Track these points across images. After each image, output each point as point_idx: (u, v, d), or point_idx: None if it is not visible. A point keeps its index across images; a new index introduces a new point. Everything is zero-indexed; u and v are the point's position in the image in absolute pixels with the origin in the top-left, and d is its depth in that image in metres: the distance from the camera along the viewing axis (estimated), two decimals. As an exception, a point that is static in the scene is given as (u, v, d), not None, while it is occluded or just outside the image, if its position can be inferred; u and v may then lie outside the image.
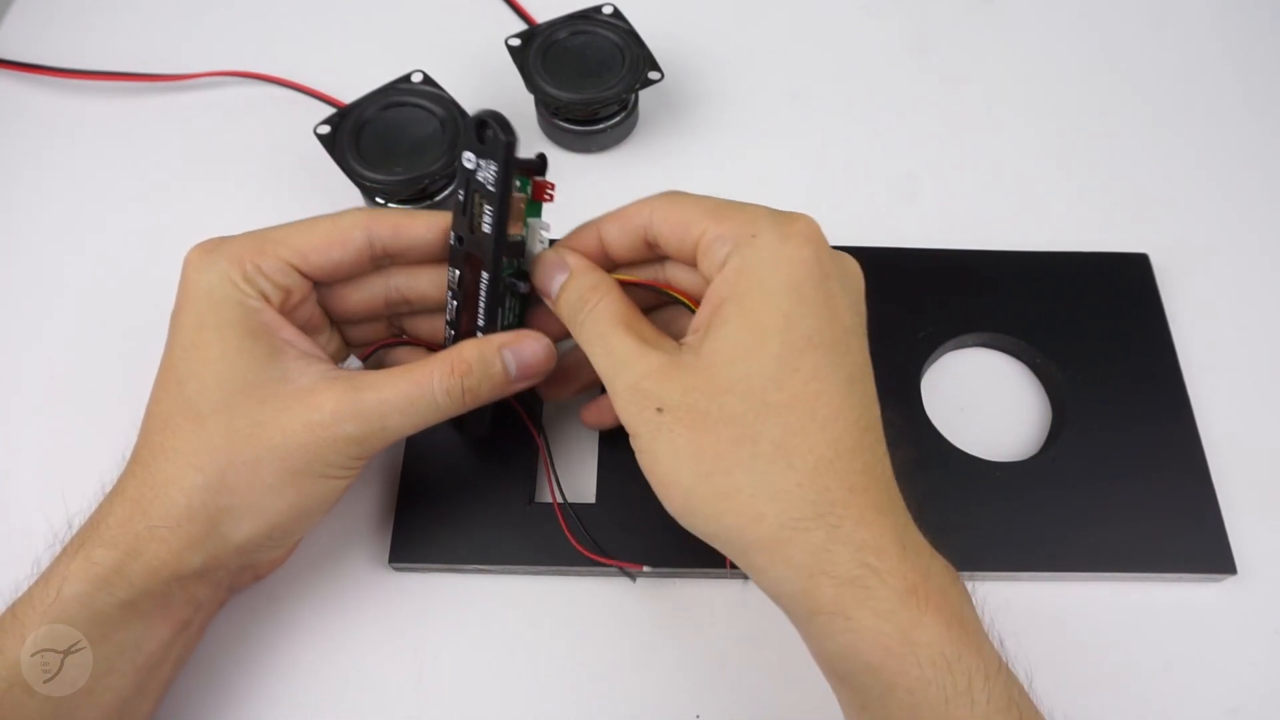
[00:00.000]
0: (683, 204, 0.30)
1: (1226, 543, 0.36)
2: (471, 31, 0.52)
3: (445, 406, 0.31)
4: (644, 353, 0.29)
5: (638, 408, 0.28)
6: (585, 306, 0.31)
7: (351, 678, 0.35)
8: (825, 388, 0.27)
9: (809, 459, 0.27)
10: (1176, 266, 0.43)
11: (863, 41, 0.53)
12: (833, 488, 0.27)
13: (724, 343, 0.28)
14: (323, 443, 0.30)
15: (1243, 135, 0.49)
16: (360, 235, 0.32)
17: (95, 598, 0.28)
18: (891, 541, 0.27)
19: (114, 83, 0.50)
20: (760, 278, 0.28)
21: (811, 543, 0.26)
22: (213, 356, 0.30)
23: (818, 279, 0.28)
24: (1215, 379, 0.41)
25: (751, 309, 0.28)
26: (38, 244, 0.45)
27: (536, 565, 0.36)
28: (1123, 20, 0.54)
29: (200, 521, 0.29)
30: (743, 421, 0.27)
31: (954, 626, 0.26)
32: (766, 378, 0.27)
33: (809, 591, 0.26)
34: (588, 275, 0.32)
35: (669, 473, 0.28)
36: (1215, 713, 0.35)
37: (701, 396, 0.28)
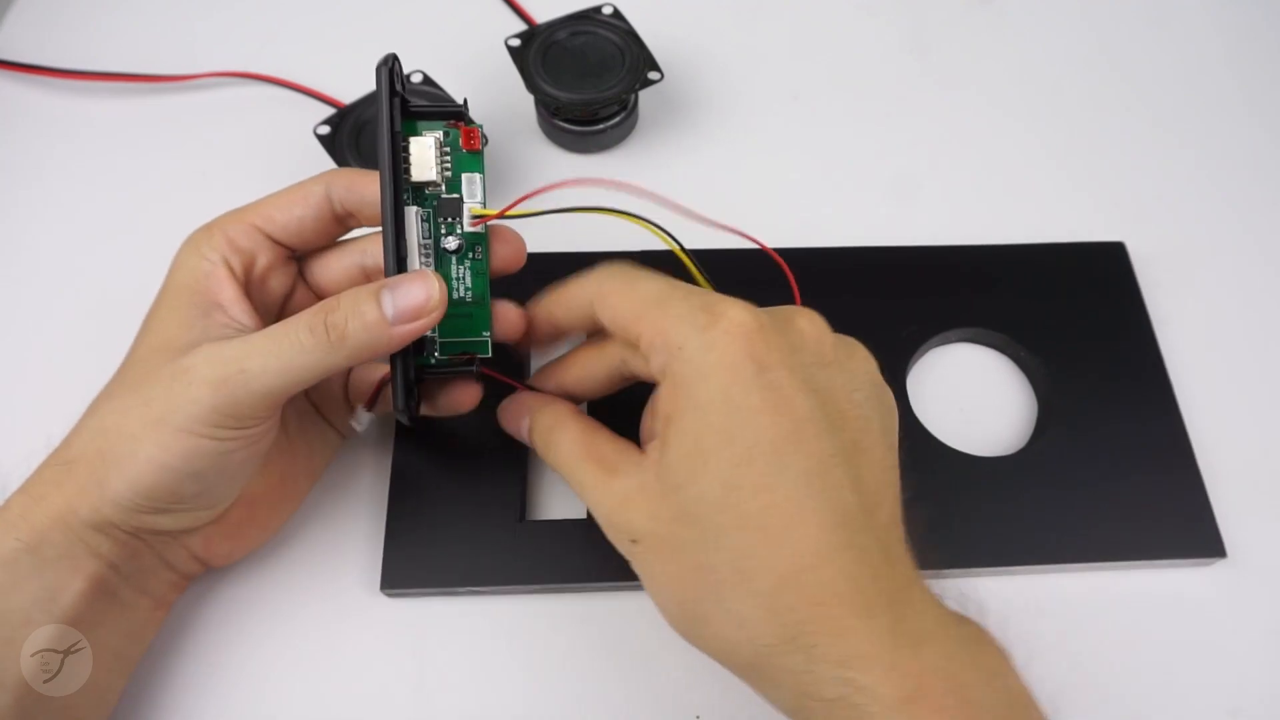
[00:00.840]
0: (618, 294, 0.29)
1: (1215, 527, 0.36)
2: (471, 31, 0.52)
3: (310, 346, 0.29)
4: (606, 484, 0.29)
5: (616, 540, 0.29)
6: (549, 447, 0.31)
7: (348, 707, 0.34)
8: (773, 499, 0.26)
9: (768, 580, 0.25)
10: (1155, 254, 0.44)
11: (862, 42, 0.53)
12: (798, 606, 0.25)
13: (671, 465, 0.27)
14: (180, 388, 0.29)
15: (1226, 128, 0.50)
16: (319, 190, 0.32)
17: (2, 541, 0.29)
18: (878, 647, 0.24)
19: (114, 83, 0.50)
20: (691, 396, 0.27)
21: (791, 666, 0.25)
22: (153, 316, 0.32)
23: (749, 379, 0.26)
24: (1197, 364, 0.41)
25: (688, 430, 0.27)
26: (38, 244, 0.45)
27: (531, 584, 0.36)
28: (1121, 20, 0.54)
29: (84, 465, 0.30)
30: (699, 548, 0.26)
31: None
32: (711, 501, 0.26)
33: (802, 711, 0.26)
34: (543, 413, 0.32)
35: (655, 598, 0.28)
36: (1213, 693, 0.35)
37: (663, 524, 0.27)
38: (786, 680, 0.25)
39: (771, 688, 0.26)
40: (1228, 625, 0.36)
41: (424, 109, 0.32)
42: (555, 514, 0.38)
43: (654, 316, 0.28)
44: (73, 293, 0.44)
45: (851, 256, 0.43)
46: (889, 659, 0.24)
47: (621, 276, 0.30)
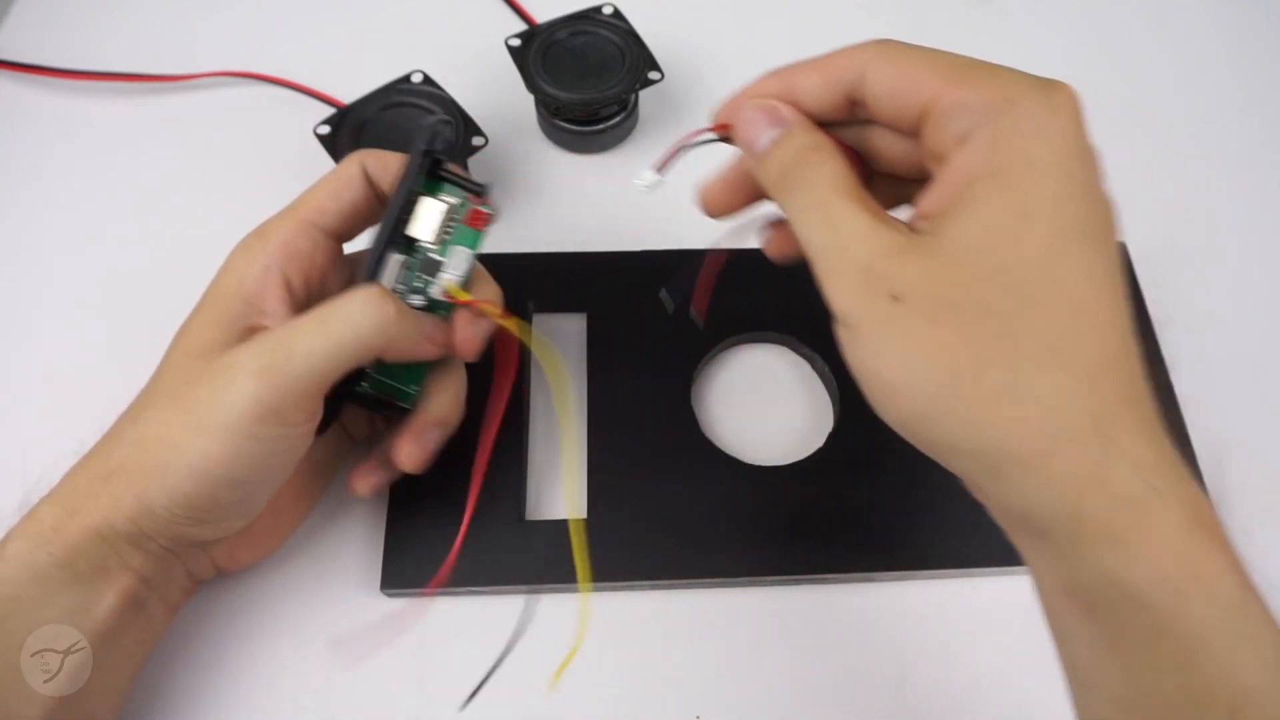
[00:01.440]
0: (909, 59, 0.26)
1: None
2: (471, 31, 0.52)
3: (358, 317, 0.29)
4: (876, 229, 0.24)
5: (865, 292, 0.24)
6: (805, 167, 0.26)
7: (349, 708, 0.34)
8: (1094, 283, 0.23)
9: (1082, 362, 0.23)
10: (1155, 254, 0.43)
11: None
12: (1109, 396, 0.23)
13: (978, 225, 0.23)
14: (224, 385, 0.28)
15: (1226, 129, 0.50)
16: (357, 170, 0.33)
17: (35, 555, 0.28)
18: (1170, 462, 0.23)
19: (114, 83, 0.50)
20: (1024, 152, 0.23)
21: (1087, 456, 0.22)
22: (193, 320, 0.31)
23: (1083, 158, 0.24)
24: (1197, 364, 0.41)
25: (1014, 188, 0.23)
26: (38, 244, 0.45)
27: (531, 584, 0.36)
28: (1121, 20, 0.54)
29: (122, 479, 0.29)
30: (1003, 315, 0.23)
31: (1239, 569, 0.22)
32: (1033, 267, 0.23)
33: (1078, 511, 0.22)
34: (809, 134, 0.27)
35: (900, 373, 0.24)
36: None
37: (950, 285, 0.23)
38: (1074, 471, 0.22)
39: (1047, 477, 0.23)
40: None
41: (451, 176, 0.33)
42: (555, 514, 0.38)
43: (973, 74, 0.24)
44: (73, 292, 0.44)
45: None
46: (1177, 477, 0.23)
47: (915, 46, 0.26)
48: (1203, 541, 0.22)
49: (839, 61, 0.27)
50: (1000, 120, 0.24)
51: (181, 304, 0.43)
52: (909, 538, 0.36)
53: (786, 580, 0.36)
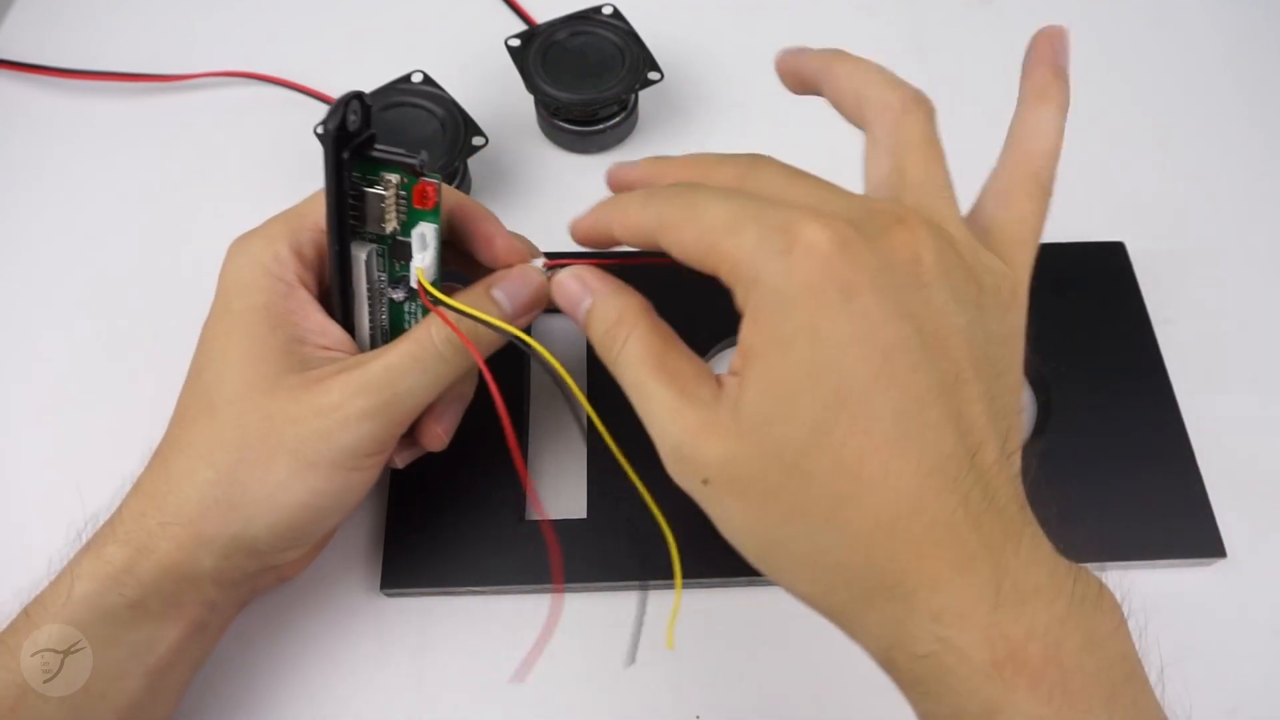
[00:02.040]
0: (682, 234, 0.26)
1: (1215, 527, 0.36)
2: (471, 31, 0.52)
3: (450, 356, 0.30)
4: (679, 410, 0.25)
5: (684, 477, 0.26)
6: (614, 345, 0.27)
7: (348, 708, 0.34)
8: (867, 444, 0.23)
9: (865, 526, 0.23)
10: (1155, 254, 0.43)
11: (862, 42, 0.53)
12: (899, 553, 0.23)
13: (754, 405, 0.24)
14: (335, 426, 0.29)
15: (1226, 128, 0.50)
16: None
17: (105, 596, 0.28)
18: (977, 601, 0.23)
19: (114, 83, 0.50)
20: (774, 330, 0.24)
21: (887, 615, 0.24)
22: (230, 346, 0.30)
23: (836, 307, 0.23)
24: (1197, 364, 0.41)
25: (773, 368, 0.24)
26: (38, 244, 0.45)
27: (531, 584, 0.36)
28: (1121, 20, 0.54)
29: (212, 519, 0.29)
30: (788, 493, 0.24)
31: (1054, 698, 0.22)
32: (800, 445, 0.24)
33: (890, 661, 0.24)
34: (611, 303, 0.28)
35: (732, 539, 0.26)
36: (1212, 692, 0.35)
37: (744, 467, 0.24)
38: (878, 629, 0.24)
39: (862, 633, 0.25)
40: (1227, 625, 0.36)
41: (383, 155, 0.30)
42: (555, 514, 0.38)
43: (726, 248, 0.25)
44: (73, 292, 0.44)
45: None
46: (986, 618, 0.23)
47: (682, 201, 0.26)
48: (1003, 685, 0.22)
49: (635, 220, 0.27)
50: (752, 301, 0.24)
51: (181, 303, 0.43)
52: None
53: (786, 580, 0.36)
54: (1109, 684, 0.23)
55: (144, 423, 0.40)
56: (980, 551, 0.23)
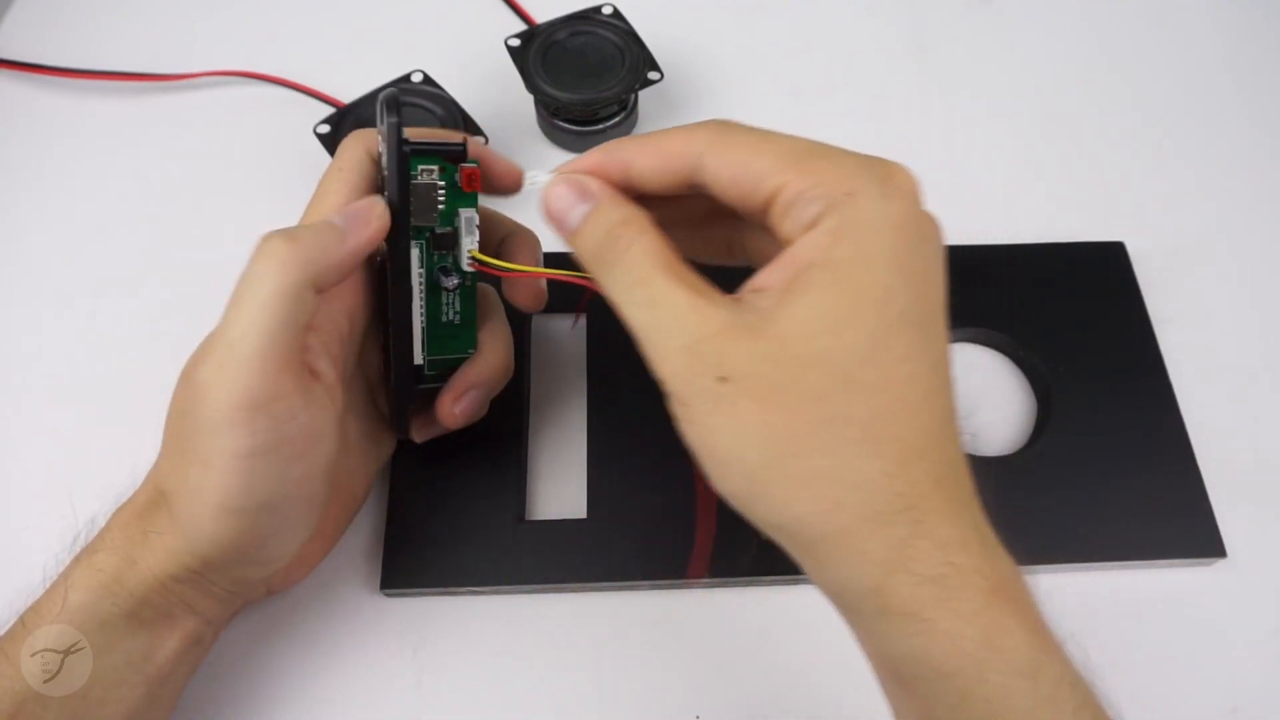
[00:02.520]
0: (749, 147, 0.26)
1: (1215, 527, 0.36)
2: (471, 31, 0.52)
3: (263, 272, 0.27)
4: (700, 307, 0.25)
5: (693, 374, 0.24)
6: (617, 245, 0.26)
7: (348, 708, 0.34)
8: (917, 370, 0.24)
9: (897, 446, 0.24)
10: (1155, 254, 0.44)
11: (862, 42, 0.53)
12: (920, 479, 0.24)
13: (809, 311, 0.24)
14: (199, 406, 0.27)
15: (1225, 128, 0.50)
16: (364, 159, 0.32)
17: (100, 605, 0.28)
18: (975, 537, 0.24)
19: (114, 82, 0.50)
20: (860, 244, 0.24)
21: (893, 537, 0.24)
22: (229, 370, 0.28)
23: (916, 246, 0.25)
24: (1197, 364, 0.41)
25: (848, 278, 0.24)
26: (38, 244, 0.45)
27: (531, 584, 0.36)
28: (1121, 20, 0.54)
29: (171, 531, 0.29)
30: (826, 400, 0.24)
31: (1039, 632, 0.24)
32: (858, 354, 0.24)
33: (883, 589, 0.24)
34: (618, 208, 0.27)
35: (730, 451, 0.24)
36: (1212, 692, 0.35)
37: (776, 368, 0.24)
38: (881, 551, 0.24)
39: (854, 558, 0.24)
40: (1228, 625, 0.36)
41: (424, 146, 0.30)
42: (555, 514, 0.38)
43: (815, 165, 0.25)
44: (73, 292, 0.44)
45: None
46: (981, 550, 0.24)
47: (749, 130, 0.26)
48: (1000, 613, 0.23)
49: (675, 146, 0.26)
50: (841, 212, 0.24)
51: (181, 303, 0.43)
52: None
53: (787, 580, 0.36)
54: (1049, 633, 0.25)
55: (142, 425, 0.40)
56: (972, 497, 0.25)
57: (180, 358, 0.42)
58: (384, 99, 0.29)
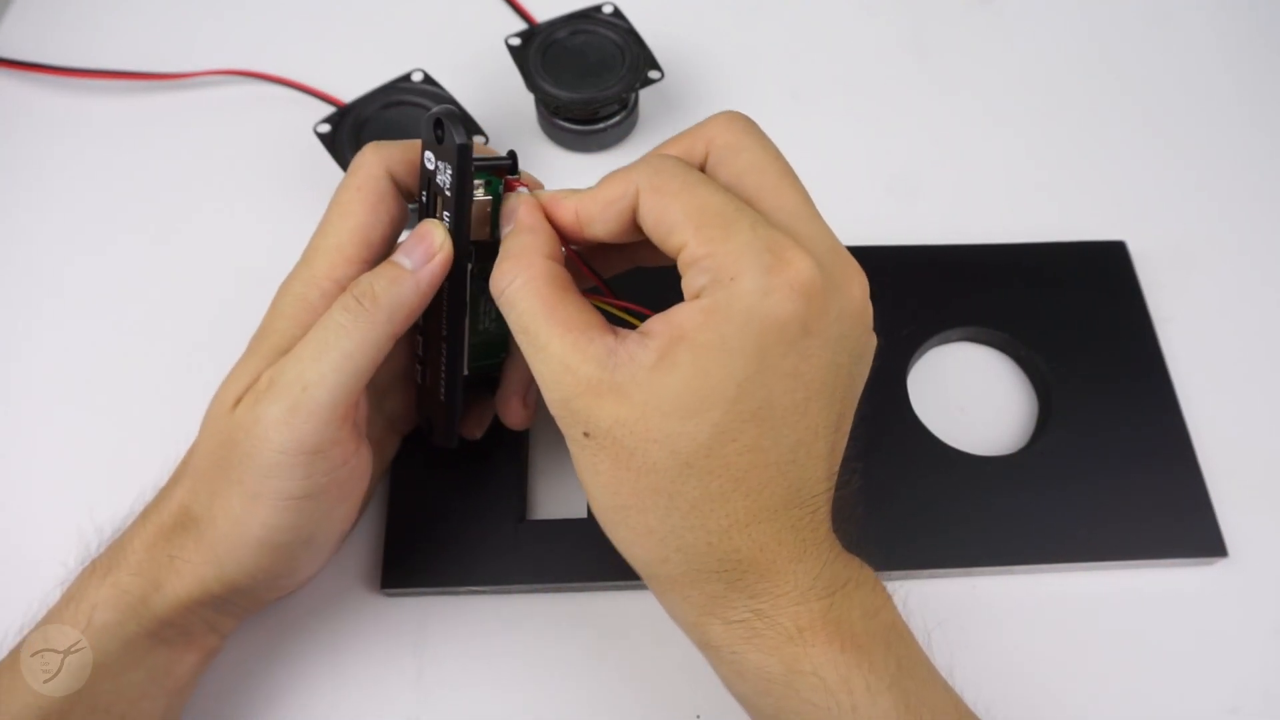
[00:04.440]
0: (671, 195, 0.26)
1: (1216, 526, 0.36)
2: (471, 31, 0.52)
3: (350, 324, 0.28)
4: (573, 365, 0.26)
5: (566, 424, 0.27)
6: (506, 277, 0.27)
7: (348, 708, 0.34)
8: (761, 459, 0.26)
9: (724, 522, 0.26)
10: (1155, 254, 0.44)
11: (862, 42, 0.53)
12: (742, 548, 0.26)
13: (666, 392, 0.25)
14: (257, 441, 0.27)
15: (1225, 128, 0.50)
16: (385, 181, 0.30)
17: (125, 626, 0.28)
18: (791, 588, 0.26)
19: (114, 81, 0.50)
20: (725, 334, 0.25)
21: (709, 590, 0.27)
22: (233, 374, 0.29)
23: (791, 341, 0.25)
24: (1197, 364, 0.41)
25: (703, 368, 0.25)
26: (38, 243, 0.45)
27: (531, 584, 0.36)
28: (1120, 20, 0.54)
29: (206, 555, 0.29)
30: (663, 474, 0.25)
31: (847, 649, 0.26)
32: (698, 444, 0.25)
33: (700, 627, 0.27)
34: (516, 238, 0.28)
35: (589, 490, 0.27)
36: (1212, 692, 0.35)
37: (629, 435, 0.25)
38: (699, 599, 0.27)
39: (678, 600, 0.27)
40: (1228, 625, 0.36)
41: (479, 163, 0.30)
42: (555, 514, 0.38)
43: (714, 234, 0.25)
44: (73, 291, 0.44)
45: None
46: (795, 598, 0.26)
47: (679, 175, 0.26)
48: (803, 645, 0.26)
49: (614, 191, 0.27)
50: (717, 294, 0.25)
51: (182, 304, 0.43)
52: (908, 538, 0.36)
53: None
54: (884, 639, 0.27)
55: (144, 427, 0.40)
56: (803, 555, 0.27)
57: (180, 358, 0.42)
58: (443, 116, 0.28)
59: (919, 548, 0.36)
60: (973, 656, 0.35)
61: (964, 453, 0.38)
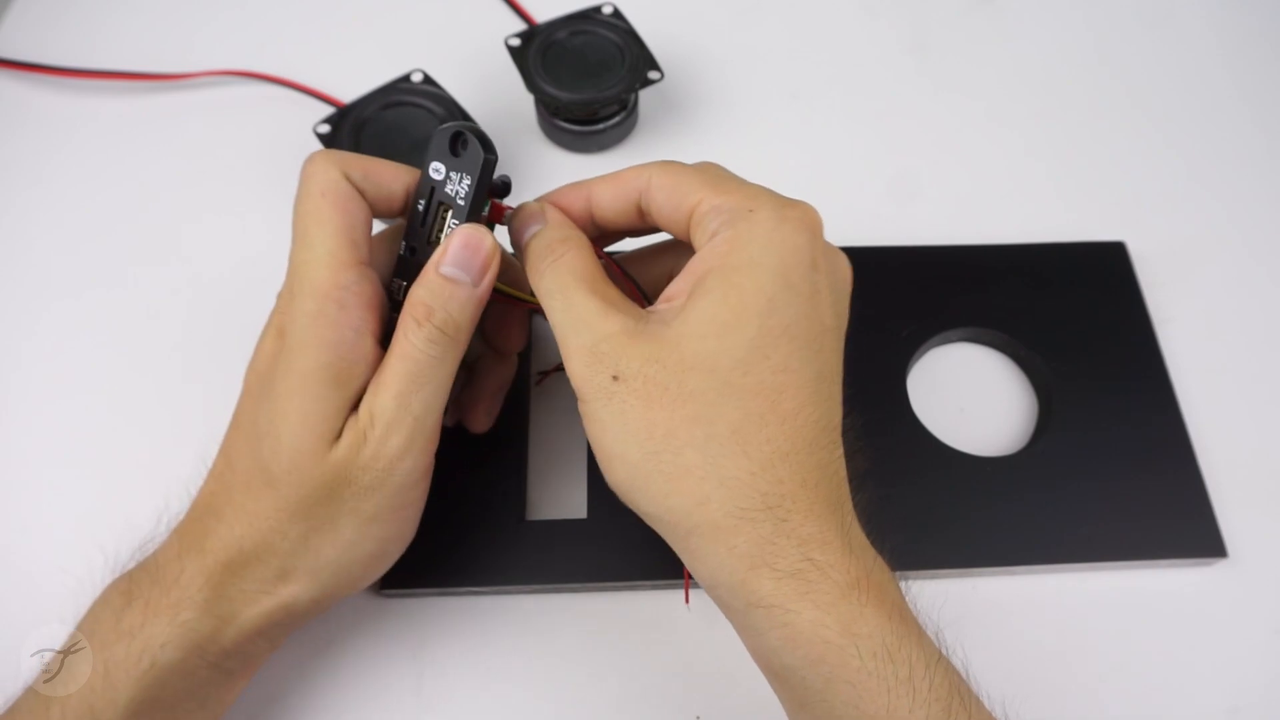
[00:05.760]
0: (681, 173, 0.29)
1: (1216, 527, 0.36)
2: (471, 31, 0.52)
3: (441, 354, 0.29)
4: (606, 314, 0.28)
5: (591, 371, 0.27)
6: (550, 256, 0.29)
7: (348, 708, 0.34)
8: (793, 380, 0.27)
9: (765, 449, 0.26)
10: (1155, 254, 0.44)
11: (862, 42, 0.53)
12: (786, 480, 0.26)
13: (699, 316, 0.27)
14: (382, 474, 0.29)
15: (1225, 129, 0.50)
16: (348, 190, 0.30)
17: (189, 662, 0.28)
18: (837, 536, 0.26)
19: (114, 82, 0.50)
20: (750, 255, 0.27)
21: (757, 534, 0.26)
22: (291, 410, 0.28)
23: (806, 269, 0.27)
24: (1197, 364, 0.41)
25: (735, 285, 0.27)
26: (37, 244, 0.45)
27: (531, 584, 0.36)
28: (1120, 21, 0.54)
29: (295, 584, 0.29)
30: (702, 400, 0.26)
31: (894, 618, 0.26)
32: (736, 359, 0.26)
33: (749, 583, 0.26)
34: (560, 228, 0.30)
35: (615, 445, 0.27)
36: (1212, 692, 0.35)
37: (663, 369, 0.26)
38: (746, 546, 0.26)
39: (725, 550, 0.26)
40: (1228, 625, 0.36)
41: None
42: (555, 514, 0.38)
43: (728, 187, 0.28)
44: (72, 292, 0.44)
45: (851, 256, 0.42)
46: (842, 547, 0.26)
47: (680, 164, 0.30)
48: (858, 603, 0.25)
49: (629, 176, 0.30)
50: (738, 225, 0.28)
51: (181, 303, 0.43)
52: (908, 538, 0.36)
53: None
54: (919, 624, 0.27)
55: (145, 429, 0.40)
56: (840, 500, 0.27)
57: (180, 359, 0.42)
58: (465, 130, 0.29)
59: (919, 548, 0.36)
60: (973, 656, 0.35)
61: (964, 453, 0.38)
